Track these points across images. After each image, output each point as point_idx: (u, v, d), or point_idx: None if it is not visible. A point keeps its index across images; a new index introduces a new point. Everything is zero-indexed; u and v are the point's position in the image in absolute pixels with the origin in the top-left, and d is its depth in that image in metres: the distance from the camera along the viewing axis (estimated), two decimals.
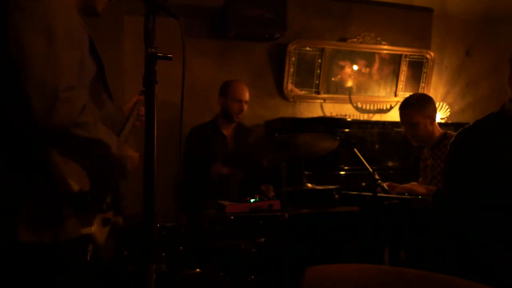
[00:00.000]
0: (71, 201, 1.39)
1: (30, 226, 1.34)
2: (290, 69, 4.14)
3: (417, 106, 2.91)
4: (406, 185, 2.89)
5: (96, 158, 1.45)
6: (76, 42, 1.40)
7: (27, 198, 1.35)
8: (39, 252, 1.37)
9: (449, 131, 3.02)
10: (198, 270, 2.27)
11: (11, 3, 1.32)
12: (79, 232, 1.43)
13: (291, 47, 4.09)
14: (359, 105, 4.48)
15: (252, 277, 2.40)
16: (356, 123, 4.10)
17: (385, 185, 2.91)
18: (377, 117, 4.52)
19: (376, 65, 4.48)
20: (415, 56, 4.57)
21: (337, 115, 4.35)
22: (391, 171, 3.93)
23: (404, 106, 2.98)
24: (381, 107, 4.57)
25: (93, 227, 1.47)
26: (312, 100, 4.33)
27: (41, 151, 1.35)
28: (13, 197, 1.35)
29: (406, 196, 2.79)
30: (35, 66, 1.27)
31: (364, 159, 2.84)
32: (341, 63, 4.35)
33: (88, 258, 1.47)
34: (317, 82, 4.28)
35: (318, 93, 4.31)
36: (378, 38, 4.46)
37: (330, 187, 3.11)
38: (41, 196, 1.36)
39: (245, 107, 3.41)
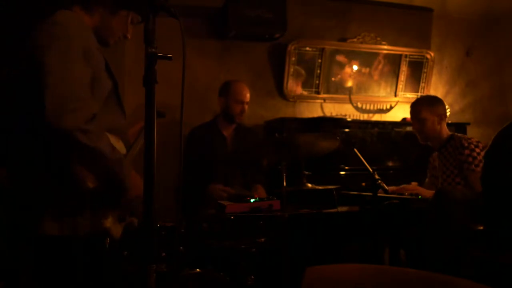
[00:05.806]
0: (87, 197, 1.53)
1: (53, 219, 1.50)
2: (290, 69, 4.14)
3: (426, 103, 3.08)
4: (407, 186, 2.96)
5: (95, 166, 1.55)
6: (92, 61, 1.58)
7: (50, 193, 1.52)
8: (60, 244, 1.52)
9: (456, 133, 3.06)
10: (198, 270, 2.27)
11: (35, 26, 1.56)
12: (96, 226, 1.56)
13: (291, 47, 4.09)
14: (359, 105, 4.47)
15: (252, 277, 2.40)
16: (356, 123, 4.10)
17: (385, 185, 2.92)
18: (377, 117, 4.51)
19: (376, 65, 4.48)
20: (415, 56, 4.57)
21: (337, 115, 4.34)
22: (391, 171, 3.93)
23: (414, 102, 3.17)
24: (381, 107, 4.57)
25: (108, 222, 1.60)
26: (312, 100, 4.32)
27: (62, 152, 1.51)
28: (38, 192, 1.52)
29: (406, 196, 2.79)
30: (51, 80, 1.45)
31: (364, 159, 2.84)
32: (341, 62, 4.35)
33: (106, 251, 1.61)
34: (317, 82, 4.27)
35: (318, 93, 4.30)
36: (378, 38, 4.46)
37: (330, 187, 3.11)
38: (61, 192, 1.52)
39: (246, 107, 3.40)
